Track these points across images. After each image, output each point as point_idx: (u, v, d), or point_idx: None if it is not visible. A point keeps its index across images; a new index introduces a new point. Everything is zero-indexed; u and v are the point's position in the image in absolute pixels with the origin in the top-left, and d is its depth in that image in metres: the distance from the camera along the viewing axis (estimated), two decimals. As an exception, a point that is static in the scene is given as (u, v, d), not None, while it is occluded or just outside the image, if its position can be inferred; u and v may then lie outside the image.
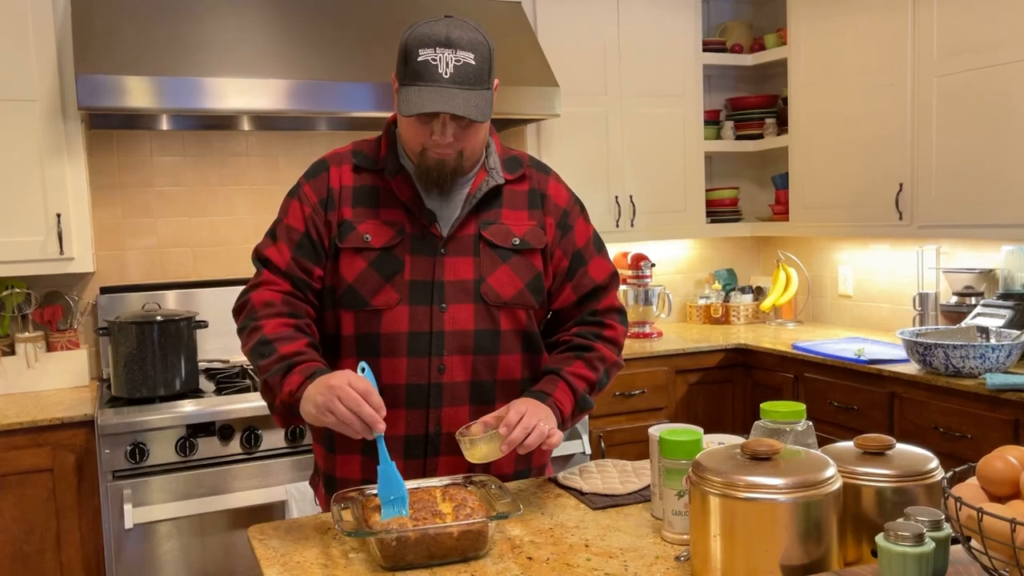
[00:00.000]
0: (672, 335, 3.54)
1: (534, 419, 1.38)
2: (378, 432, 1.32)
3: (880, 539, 0.95)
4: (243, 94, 2.61)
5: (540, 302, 1.60)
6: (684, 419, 3.26)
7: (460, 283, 1.53)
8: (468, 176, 1.56)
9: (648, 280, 3.56)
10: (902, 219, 3.00)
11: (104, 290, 2.96)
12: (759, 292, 3.88)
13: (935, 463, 1.15)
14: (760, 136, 3.79)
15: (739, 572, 1.06)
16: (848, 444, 1.21)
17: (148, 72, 2.50)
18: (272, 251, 1.55)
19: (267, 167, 3.24)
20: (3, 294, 2.78)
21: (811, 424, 1.29)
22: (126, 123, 2.95)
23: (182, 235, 3.14)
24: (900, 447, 1.19)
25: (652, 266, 3.60)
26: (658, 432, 1.33)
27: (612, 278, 1.65)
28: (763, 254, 4.09)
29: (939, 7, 2.82)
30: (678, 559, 1.21)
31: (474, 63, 1.43)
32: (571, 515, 1.40)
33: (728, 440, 1.35)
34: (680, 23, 3.54)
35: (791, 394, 3.12)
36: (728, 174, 4.03)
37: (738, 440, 1.34)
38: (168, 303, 3.00)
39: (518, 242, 1.56)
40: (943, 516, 0.97)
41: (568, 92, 3.28)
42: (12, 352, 2.80)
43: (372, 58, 2.83)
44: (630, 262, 3.58)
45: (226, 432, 2.43)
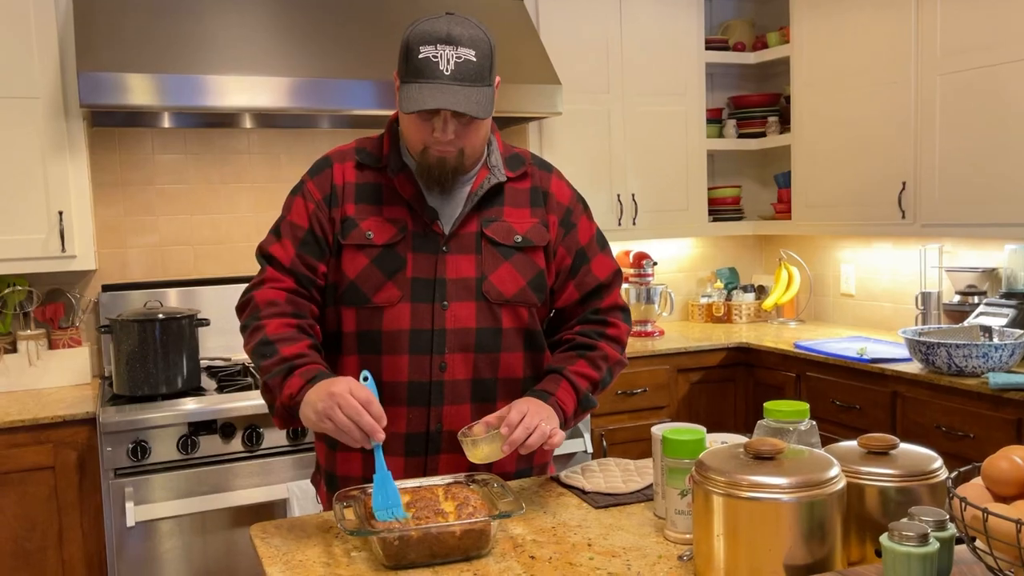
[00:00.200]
0: (674, 334, 3.54)
1: (536, 419, 1.38)
2: (377, 442, 1.31)
3: (884, 539, 0.94)
4: (245, 92, 2.61)
5: (542, 300, 1.59)
6: (686, 418, 3.26)
7: (462, 281, 1.52)
8: (470, 174, 1.55)
9: (650, 279, 3.56)
10: (905, 218, 3.00)
11: (106, 288, 2.96)
12: (761, 291, 3.88)
13: (939, 463, 1.14)
14: (762, 134, 3.79)
15: (742, 572, 1.06)
16: (852, 444, 1.20)
17: (150, 70, 2.50)
18: (276, 248, 1.54)
19: (269, 165, 3.23)
20: (5, 292, 2.78)
21: (814, 423, 1.28)
22: (128, 121, 2.95)
23: (184, 233, 3.13)
24: (904, 447, 1.18)
25: (654, 264, 3.59)
26: (661, 431, 1.32)
27: (615, 276, 1.65)
28: (765, 253, 4.09)
29: (943, 5, 2.81)
30: (681, 558, 1.20)
31: (475, 60, 1.43)
32: (573, 514, 1.40)
33: (731, 439, 1.34)
34: (682, 21, 3.54)
35: (793, 393, 3.11)
36: (730, 173, 4.03)
37: (741, 439, 1.33)
38: (169, 301, 3.00)
39: (520, 240, 1.56)
40: (947, 516, 0.97)
41: (570, 90, 3.28)
42: (14, 350, 2.80)
43: (374, 56, 2.83)
44: (632, 260, 3.57)
45: (228, 430, 2.43)
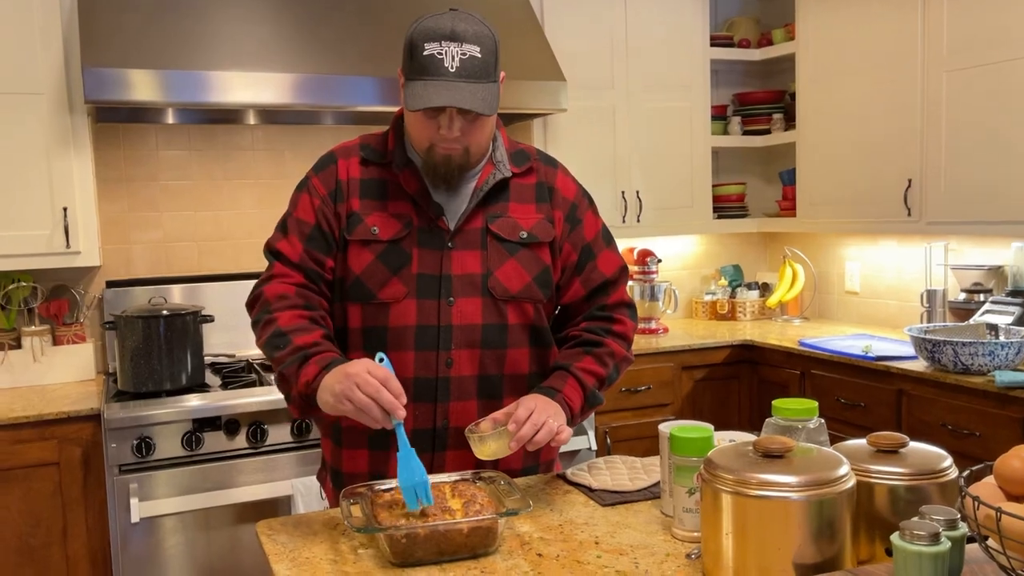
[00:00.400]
0: (678, 331, 3.53)
1: (543, 416, 1.38)
2: (398, 419, 1.31)
3: (895, 538, 0.94)
4: (248, 88, 2.60)
5: (548, 296, 1.59)
6: (690, 415, 3.25)
7: (467, 277, 1.52)
8: (475, 169, 1.55)
9: (654, 276, 3.55)
10: (911, 215, 2.99)
11: (110, 284, 2.96)
12: (765, 288, 3.87)
13: (949, 461, 1.14)
14: (767, 131, 3.78)
15: (751, 570, 1.05)
16: (861, 442, 1.20)
17: (154, 65, 2.50)
18: (284, 244, 1.54)
19: (273, 161, 3.23)
20: (9, 288, 2.78)
21: (823, 422, 1.28)
22: (132, 117, 2.95)
23: (187, 229, 3.13)
24: (913, 445, 1.18)
25: (658, 262, 3.58)
26: (669, 429, 1.32)
27: (621, 272, 1.64)
28: (769, 250, 4.08)
29: (949, 1, 2.80)
30: (689, 556, 1.20)
31: (480, 56, 1.42)
32: (580, 512, 1.40)
33: (739, 437, 1.34)
34: (687, 17, 3.53)
35: (797, 391, 3.11)
36: (735, 170, 4.02)
37: (749, 437, 1.33)
38: (173, 297, 3.00)
39: (525, 235, 1.55)
40: (959, 515, 0.96)
41: (574, 87, 3.27)
42: (18, 346, 2.80)
43: (378, 52, 2.82)
44: (636, 258, 3.57)
45: (232, 426, 2.43)
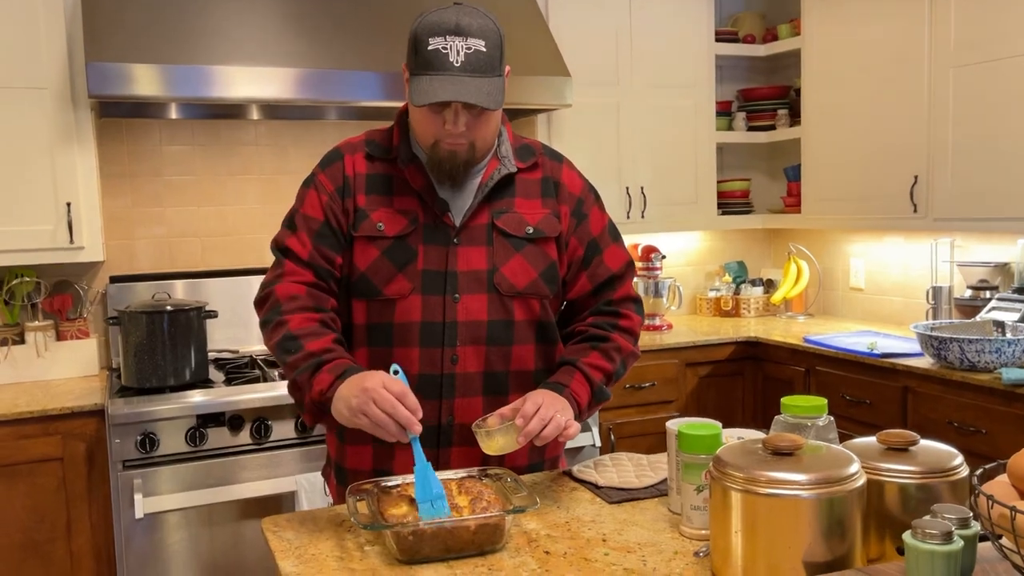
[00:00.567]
0: (682, 327, 3.52)
1: (551, 410, 1.37)
2: (414, 434, 1.30)
3: (908, 537, 0.93)
4: (252, 83, 2.59)
5: (554, 292, 1.58)
6: (694, 412, 3.24)
7: (473, 273, 1.51)
8: (480, 165, 1.54)
9: (658, 272, 3.54)
10: (917, 212, 2.97)
11: (113, 279, 2.96)
12: (770, 285, 3.86)
13: (960, 459, 1.13)
14: (772, 127, 3.76)
15: (761, 568, 1.05)
16: (870, 440, 1.19)
17: (157, 60, 2.49)
18: (293, 241, 1.52)
19: (276, 156, 3.22)
20: (13, 283, 2.77)
21: (832, 419, 1.27)
22: (135, 112, 2.94)
23: (191, 224, 3.12)
24: (923, 443, 1.17)
25: (663, 258, 3.58)
26: (676, 426, 1.31)
27: (628, 267, 1.64)
28: (774, 246, 4.07)
29: (957, -3, 2.78)
30: (697, 554, 1.19)
31: (485, 50, 1.41)
32: (587, 509, 1.39)
33: (747, 435, 1.33)
34: (692, 13, 3.51)
35: (802, 387, 3.10)
36: (739, 166, 4.00)
37: (757, 435, 1.32)
38: (177, 293, 2.99)
39: (532, 231, 1.54)
40: (971, 514, 0.95)
41: (579, 82, 3.25)
42: (22, 341, 2.80)
43: (381, 47, 2.81)
44: (641, 254, 3.56)
45: (236, 422, 2.42)
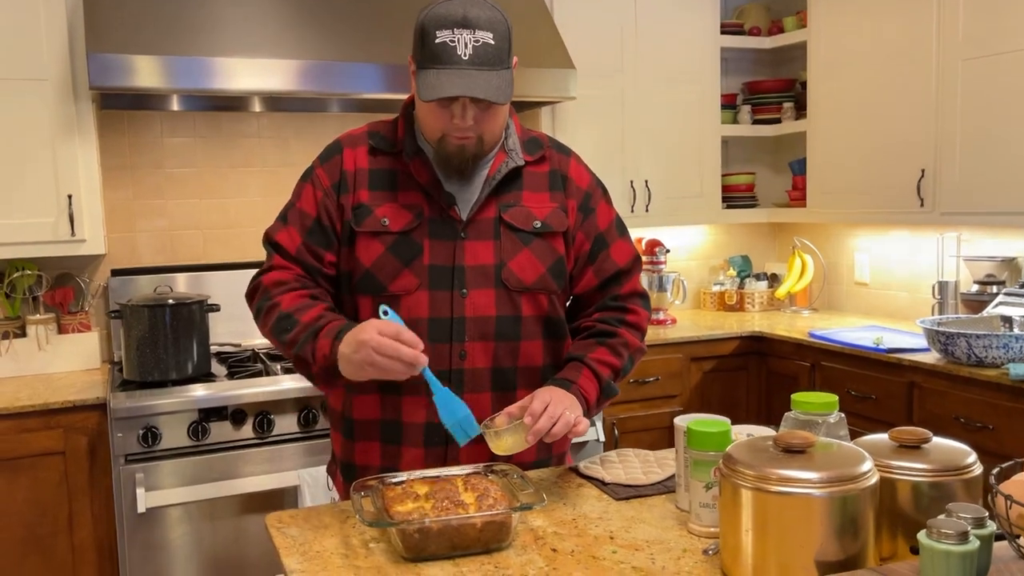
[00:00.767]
0: (686, 322, 3.51)
1: (560, 408, 1.36)
2: (422, 366, 1.32)
3: (922, 536, 0.91)
4: (254, 74, 2.57)
5: (562, 287, 1.56)
6: (698, 407, 3.23)
7: (480, 268, 1.50)
8: (487, 158, 1.52)
9: (663, 266, 3.53)
10: (923, 206, 2.95)
11: (115, 272, 2.94)
12: (774, 279, 3.84)
13: (973, 457, 1.11)
14: (778, 121, 3.74)
15: (771, 567, 1.03)
16: (882, 437, 1.18)
17: (159, 51, 2.47)
18: (283, 235, 1.53)
19: (278, 149, 3.20)
20: (14, 276, 2.76)
21: (843, 416, 1.25)
22: (136, 103, 2.92)
23: (193, 217, 3.11)
24: (936, 440, 1.15)
25: (667, 252, 3.56)
26: (685, 423, 1.30)
27: (635, 262, 1.62)
28: (778, 240, 4.05)
29: (965, -11, 2.76)
30: (706, 552, 1.18)
31: (493, 43, 1.39)
32: (594, 506, 1.38)
33: (756, 431, 1.32)
34: (697, 5, 3.48)
35: (807, 383, 3.08)
36: (744, 159, 3.98)
37: (766, 432, 1.30)
38: (179, 286, 2.98)
39: (539, 225, 1.53)
40: (987, 513, 0.94)
41: (583, 74, 3.23)
42: (23, 334, 2.78)
43: (385, 38, 2.79)
44: (645, 248, 3.54)
45: (238, 416, 2.41)
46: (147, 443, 2.32)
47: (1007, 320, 2.61)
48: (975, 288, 2.95)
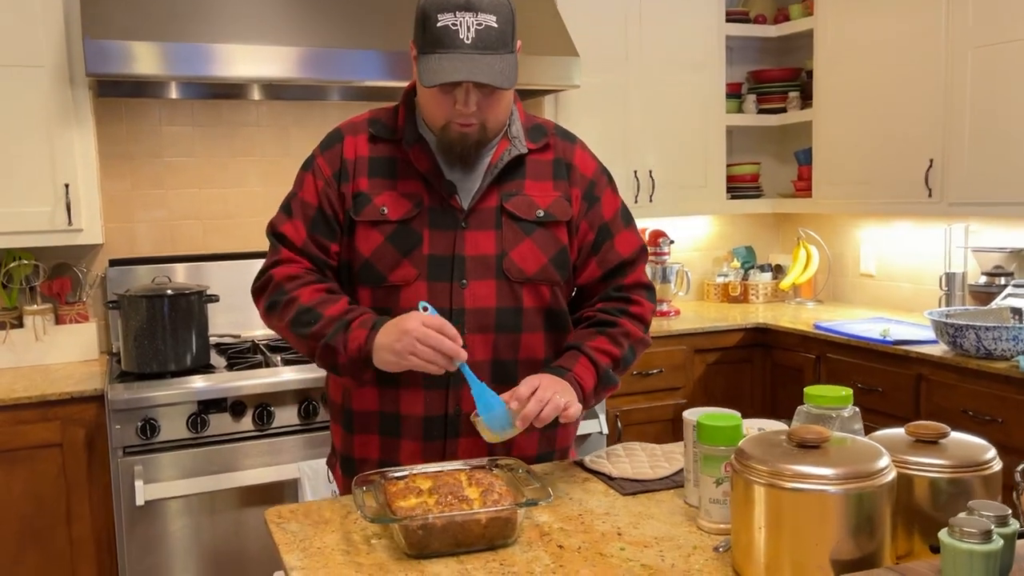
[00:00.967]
0: (690, 314, 3.47)
1: (549, 392, 1.32)
2: (461, 361, 1.33)
3: (944, 535, 0.88)
4: (253, 61, 2.53)
5: (565, 278, 1.53)
6: (702, 399, 3.20)
7: (481, 258, 1.46)
8: (489, 145, 1.49)
9: (666, 257, 3.49)
10: (931, 196, 2.92)
11: (113, 262, 2.91)
12: (778, 270, 3.81)
13: (992, 453, 1.08)
14: (783, 110, 3.70)
15: (785, 565, 1.00)
16: (898, 431, 1.14)
17: (157, 38, 2.43)
18: (288, 227, 1.50)
19: (278, 138, 3.16)
20: (11, 266, 2.73)
21: (857, 410, 1.22)
22: (134, 91, 2.88)
23: (192, 207, 3.07)
24: (954, 436, 1.12)
25: (671, 243, 3.52)
26: (695, 417, 1.26)
27: (640, 252, 1.58)
28: (783, 231, 4.01)
29: (976, -24, 2.71)
30: (717, 549, 1.15)
31: (497, 26, 1.36)
32: (600, 501, 1.35)
33: (767, 425, 1.29)
34: (702, -8, 3.44)
35: (812, 375, 3.05)
36: (749, 149, 3.94)
37: (778, 426, 1.27)
38: (177, 276, 2.94)
39: (542, 214, 1.49)
40: (1010, 511, 0.91)
41: (587, 62, 3.18)
42: (20, 325, 2.75)
43: (385, 25, 2.75)
44: (648, 238, 3.50)
45: (238, 408, 2.38)
46: (146, 435, 2.29)
47: (1016, 312, 2.58)
48: (983, 279, 2.92)
